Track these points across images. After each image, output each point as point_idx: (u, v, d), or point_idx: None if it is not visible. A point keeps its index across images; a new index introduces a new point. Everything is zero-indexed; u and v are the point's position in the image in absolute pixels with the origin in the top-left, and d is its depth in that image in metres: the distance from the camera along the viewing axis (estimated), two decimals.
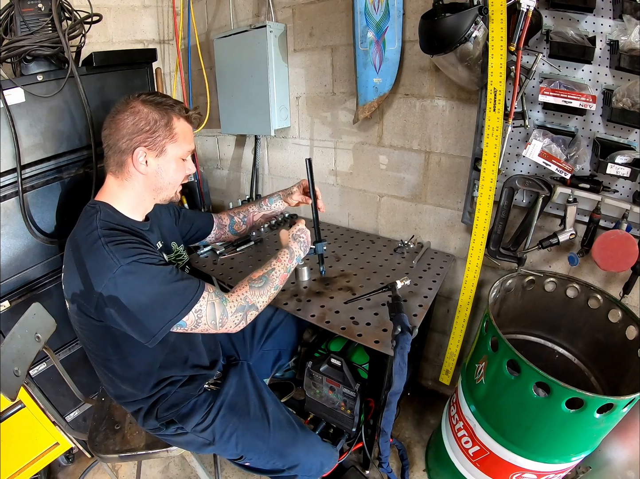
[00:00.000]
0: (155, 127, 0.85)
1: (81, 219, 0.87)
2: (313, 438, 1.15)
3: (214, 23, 1.88)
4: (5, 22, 1.15)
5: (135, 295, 0.77)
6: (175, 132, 0.88)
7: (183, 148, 0.91)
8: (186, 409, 1.02)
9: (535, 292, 1.29)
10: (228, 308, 0.87)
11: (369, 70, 1.36)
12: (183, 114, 0.90)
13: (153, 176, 0.89)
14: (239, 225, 1.28)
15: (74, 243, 0.82)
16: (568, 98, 1.02)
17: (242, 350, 1.27)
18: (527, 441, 1.03)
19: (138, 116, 0.84)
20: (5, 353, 0.95)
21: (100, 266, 0.76)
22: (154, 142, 0.86)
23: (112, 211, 0.87)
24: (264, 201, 1.29)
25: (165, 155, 0.88)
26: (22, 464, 1.29)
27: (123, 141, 0.84)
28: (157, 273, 0.80)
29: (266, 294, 0.95)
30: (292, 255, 1.04)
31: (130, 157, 0.85)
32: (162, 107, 0.87)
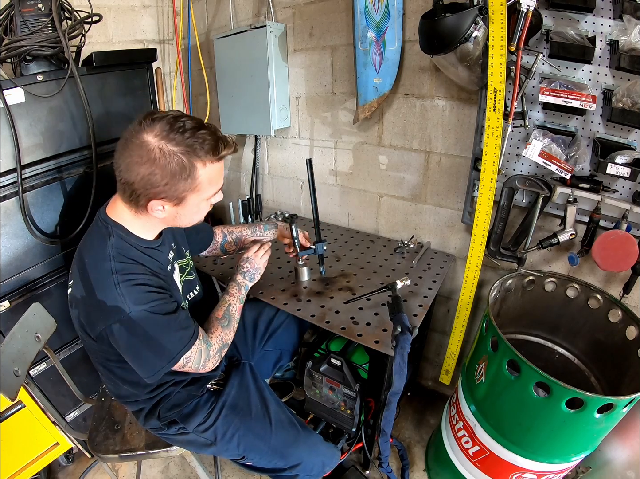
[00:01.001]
0: (174, 182, 0.75)
1: (93, 237, 0.84)
2: (315, 438, 1.15)
3: (214, 23, 1.88)
4: (5, 22, 1.15)
5: (136, 342, 0.80)
6: (198, 182, 0.77)
7: (208, 193, 0.82)
8: (188, 410, 1.02)
9: (535, 292, 1.29)
10: (211, 352, 0.92)
11: (369, 70, 1.36)
12: (211, 157, 0.76)
13: (171, 218, 0.85)
14: (230, 244, 1.28)
15: (85, 265, 0.79)
16: (568, 98, 1.02)
17: (244, 350, 1.28)
18: (527, 441, 1.03)
19: (154, 167, 0.73)
20: (5, 353, 0.95)
21: (110, 306, 0.75)
22: (172, 194, 0.77)
23: (124, 233, 0.83)
24: (258, 227, 1.29)
25: (185, 204, 0.81)
26: (22, 464, 1.29)
27: (137, 186, 0.75)
28: (162, 324, 0.81)
29: (233, 329, 1.01)
30: (240, 286, 1.09)
31: (145, 202, 0.78)
32: (185, 153, 0.73)
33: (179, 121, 0.74)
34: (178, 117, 0.75)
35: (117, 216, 0.84)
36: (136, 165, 0.73)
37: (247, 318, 1.33)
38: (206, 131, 0.76)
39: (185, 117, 0.75)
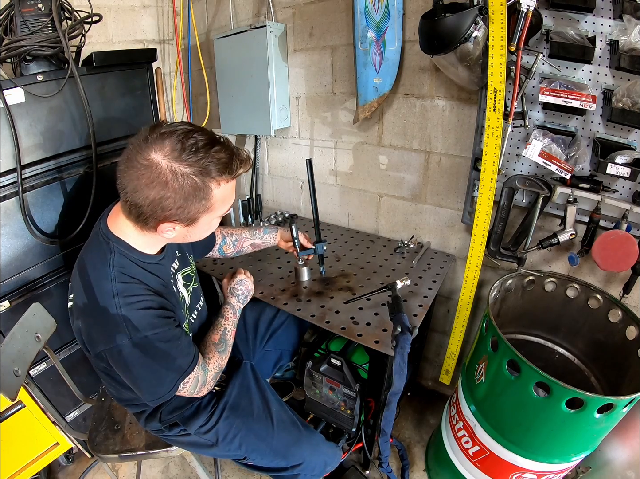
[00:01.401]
0: (187, 204, 0.70)
1: (94, 253, 0.80)
2: (317, 438, 1.15)
3: (214, 23, 1.88)
4: (5, 22, 1.15)
5: (137, 368, 0.78)
6: (212, 204, 0.74)
7: (220, 212, 0.79)
8: (190, 412, 1.02)
9: (535, 292, 1.29)
10: (207, 378, 0.91)
11: (369, 70, 1.36)
12: (226, 177, 0.72)
13: (180, 237, 0.82)
14: (228, 247, 1.26)
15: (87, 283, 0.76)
16: (568, 98, 1.02)
17: (245, 350, 1.27)
18: (527, 441, 1.03)
19: (165, 190, 0.67)
20: (5, 353, 0.94)
21: (110, 330, 0.73)
22: (184, 216, 0.73)
23: (126, 249, 0.79)
24: (258, 230, 1.28)
25: (197, 224, 0.77)
26: (22, 464, 1.29)
27: (147, 209, 0.70)
28: (163, 352, 0.79)
29: (227, 355, 1.01)
30: (234, 310, 1.09)
31: (154, 224, 0.74)
32: (199, 174, 0.68)
33: (190, 138, 0.68)
34: (189, 133, 0.68)
35: (119, 231, 0.80)
36: (146, 188, 0.68)
37: (248, 318, 1.33)
38: (220, 147, 0.71)
39: (196, 133, 0.69)
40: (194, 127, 0.71)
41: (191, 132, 0.69)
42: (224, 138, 0.74)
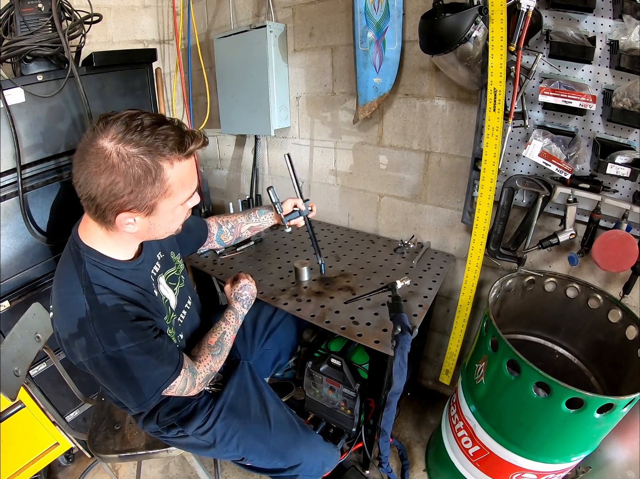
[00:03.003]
0: (140, 188, 0.66)
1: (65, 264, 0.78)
2: (315, 438, 1.15)
3: (214, 23, 1.88)
4: (5, 22, 1.15)
5: (115, 380, 0.77)
6: (168, 186, 0.69)
7: (181, 197, 0.74)
8: (187, 413, 1.02)
9: (535, 292, 1.29)
10: (197, 380, 0.90)
11: (369, 70, 1.36)
12: (177, 154, 0.68)
13: (144, 231, 0.77)
14: (226, 235, 1.22)
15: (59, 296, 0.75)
16: (568, 98, 1.02)
17: (242, 350, 1.27)
18: (527, 441, 1.03)
19: (114, 174, 0.64)
20: (5, 353, 0.95)
21: (85, 344, 0.72)
22: (140, 203, 0.68)
23: (98, 258, 0.76)
24: (253, 212, 1.24)
25: (157, 212, 0.72)
26: (22, 464, 1.29)
27: (101, 200, 0.67)
28: (139, 364, 0.77)
29: (223, 358, 1.00)
30: (237, 315, 1.07)
31: (113, 218, 0.70)
32: (146, 155, 0.65)
33: (135, 119, 0.65)
34: (134, 116, 0.66)
35: (89, 238, 0.77)
36: (95, 176, 0.65)
37: (247, 317, 1.32)
38: (168, 126, 0.67)
39: (142, 114, 0.67)
40: (140, 111, 0.68)
41: (136, 114, 0.67)
42: (176, 119, 0.72)
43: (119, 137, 0.64)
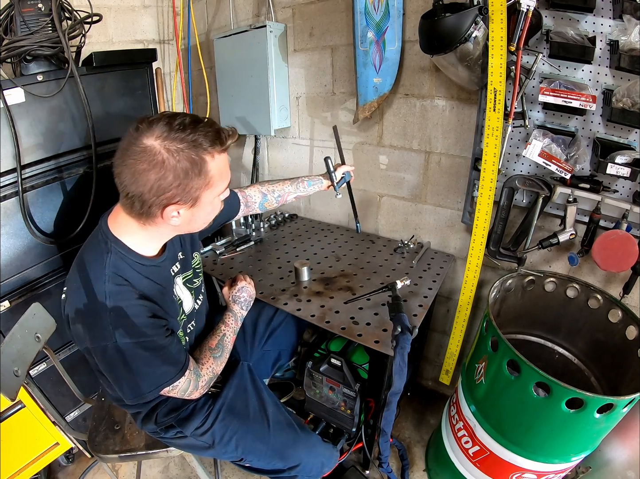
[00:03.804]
0: (187, 180, 0.71)
1: (92, 252, 0.80)
2: (314, 439, 1.15)
3: (214, 23, 1.88)
4: (5, 22, 1.15)
5: (118, 370, 0.78)
6: (210, 177, 0.74)
7: (220, 188, 0.80)
8: (185, 414, 1.01)
9: (535, 292, 1.29)
10: (200, 383, 0.91)
11: (369, 70, 1.36)
12: (218, 149, 0.74)
13: (186, 224, 0.80)
14: (270, 203, 1.24)
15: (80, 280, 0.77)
16: (568, 98, 1.02)
17: (242, 350, 1.27)
18: (527, 441, 1.03)
19: (163, 169, 0.68)
20: (5, 353, 0.94)
21: (97, 331, 0.74)
22: (186, 195, 0.73)
23: (124, 251, 0.79)
24: (301, 182, 1.27)
25: (200, 204, 0.77)
26: (22, 464, 1.29)
27: (148, 196, 0.71)
28: (145, 359, 0.79)
29: (224, 361, 1.02)
30: (236, 317, 1.09)
31: (159, 212, 0.74)
32: (192, 149, 0.70)
33: (176, 119, 0.71)
34: (174, 116, 0.72)
35: (119, 230, 0.79)
36: (144, 173, 0.68)
37: (247, 318, 1.32)
38: (204, 123, 0.73)
39: (180, 115, 0.73)
40: (176, 112, 0.75)
41: (175, 115, 0.73)
42: (208, 118, 0.76)
43: (164, 136, 0.69)
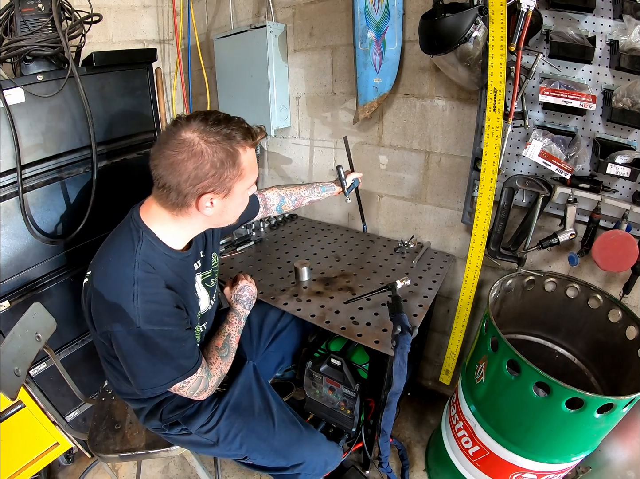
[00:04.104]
0: (222, 170, 0.76)
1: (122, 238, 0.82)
2: (318, 437, 1.15)
3: (214, 23, 1.88)
4: (5, 22, 1.14)
5: (136, 356, 0.79)
6: (242, 168, 0.79)
7: (250, 181, 0.84)
8: (191, 411, 1.02)
9: (535, 292, 1.29)
10: (210, 383, 0.92)
11: (369, 70, 1.36)
12: (250, 143, 0.80)
13: (218, 215, 0.84)
14: (287, 206, 1.30)
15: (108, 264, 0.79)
16: (568, 98, 1.02)
17: (248, 350, 1.27)
18: (527, 441, 1.03)
19: (201, 159, 0.73)
20: (5, 353, 0.94)
21: (122, 314, 0.75)
22: (221, 185, 0.77)
23: (154, 240, 0.82)
24: (316, 188, 1.33)
25: (232, 194, 0.81)
26: (22, 464, 1.29)
27: (185, 185, 0.75)
28: (165, 348, 0.80)
29: (230, 361, 1.02)
30: (240, 316, 1.09)
31: (194, 202, 0.78)
32: (226, 142, 0.75)
33: (211, 115, 0.77)
34: (209, 113, 0.78)
35: (151, 220, 0.82)
36: (182, 163, 0.73)
37: (254, 319, 1.33)
38: (237, 120, 0.81)
39: (214, 112, 0.80)
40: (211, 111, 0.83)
41: (210, 112, 0.80)
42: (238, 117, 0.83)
43: (201, 129, 0.74)
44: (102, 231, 1.45)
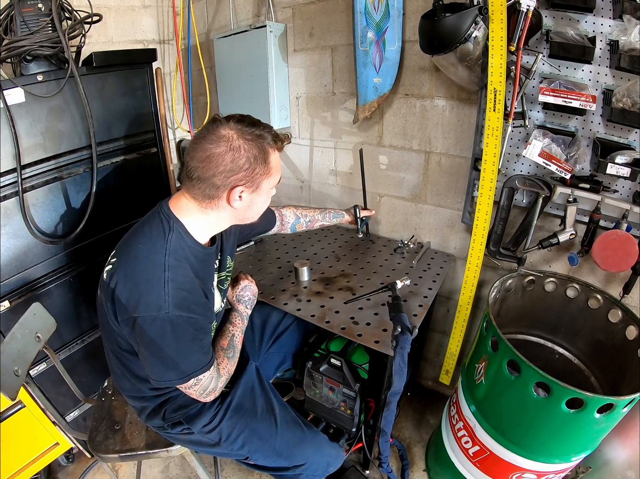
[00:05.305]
0: (255, 165, 0.81)
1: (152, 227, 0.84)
2: (320, 438, 1.15)
3: (214, 23, 1.88)
4: (5, 22, 1.14)
5: (160, 343, 0.79)
6: (271, 167, 0.85)
7: (275, 180, 0.89)
8: (194, 411, 1.01)
9: (535, 292, 1.29)
10: (219, 383, 0.93)
11: (369, 70, 1.36)
12: (278, 145, 0.86)
13: (244, 209, 0.87)
14: (301, 225, 1.38)
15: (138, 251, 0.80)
16: (568, 98, 1.02)
17: (250, 350, 1.27)
18: (527, 441, 1.03)
19: (238, 153, 0.79)
20: (5, 353, 0.95)
21: (151, 299, 0.76)
22: (251, 179, 0.82)
23: (183, 232, 0.84)
24: (328, 214, 1.43)
25: (259, 190, 0.86)
26: (22, 464, 1.29)
27: (219, 177, 0.79)
28: (190, 337, 0.82)
29: (236, 361, 1.03)
30: (242, 316, 1.11)
31: (225, 193, 0.82)
32: (260, 141, 0.82)
33: (245, 117, 0.84)
34: (243, 116, 0.85)
35: (180, 213, 0.85)
36: (219, 156, 0.78)
37: (256, 320, 1.33)
38: (267, 125, 0.86)
39: (248, 116, 0.86)
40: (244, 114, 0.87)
41: (245, 115, 0.86)
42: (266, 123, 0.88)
43: (238, 128, 0.81)
44: (102, 231, 1.46)
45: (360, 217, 1.47)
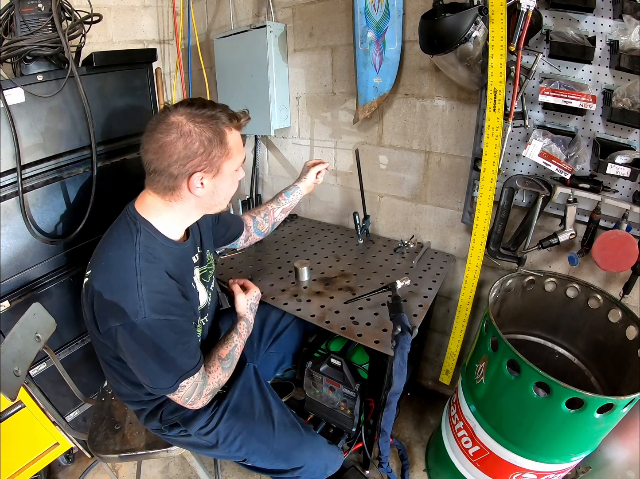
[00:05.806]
0: (211, 148, 0.78)
1: (119, 232, 0.83)
2: (319, 441, 1.14)
3: (214, 23, 1.88)
4: (5, 22, 1.14)
5: (143, 350, 0.77)
6: (229, 148, 0.81)
7: (237, 161, 0.86)
8: (191, 413, 1.01)
9: (535, 292, 1.29)
10: (205, 391, 0.90)
11: (369, 70, 1.36)
12: (235, 124, 0.82)
13: (209, 196, 0.84)
14: (262, 224, 1.28)
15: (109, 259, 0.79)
16: (568, 98, 1.02)
17: (249, 352, 1.27)
18: (527, 441, 1.03)
19: (190, 138, 0.76)
20: (5, 353, 0.95)
21: (127, 305, 0.74)
22: (210, 163, 0.79)
23: (152, 231, 0.83)
24: (280, 196, 1.29)
25: (221, 174, 0.82)
26: (22, 464, 1.29)
27: (175, 167, 0.77)
28: (172, 340, 0.79)
29: (231, 372, 1.01)
30: (249, 325, 1.09)
31: (184, 182, 0.79)
32: (213, 122, 0.78)
33: (196, 100, 0.81)
34: (194, 99, 0.82)
35: (146, 212, 0.83)
36: (171, 144, 0.76)
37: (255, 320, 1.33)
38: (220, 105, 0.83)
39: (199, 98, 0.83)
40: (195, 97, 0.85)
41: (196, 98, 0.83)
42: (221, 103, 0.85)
43: (187, 112, 0.77)
44: (102, 231, 1.43)
45: (359, 223, 1.53)
